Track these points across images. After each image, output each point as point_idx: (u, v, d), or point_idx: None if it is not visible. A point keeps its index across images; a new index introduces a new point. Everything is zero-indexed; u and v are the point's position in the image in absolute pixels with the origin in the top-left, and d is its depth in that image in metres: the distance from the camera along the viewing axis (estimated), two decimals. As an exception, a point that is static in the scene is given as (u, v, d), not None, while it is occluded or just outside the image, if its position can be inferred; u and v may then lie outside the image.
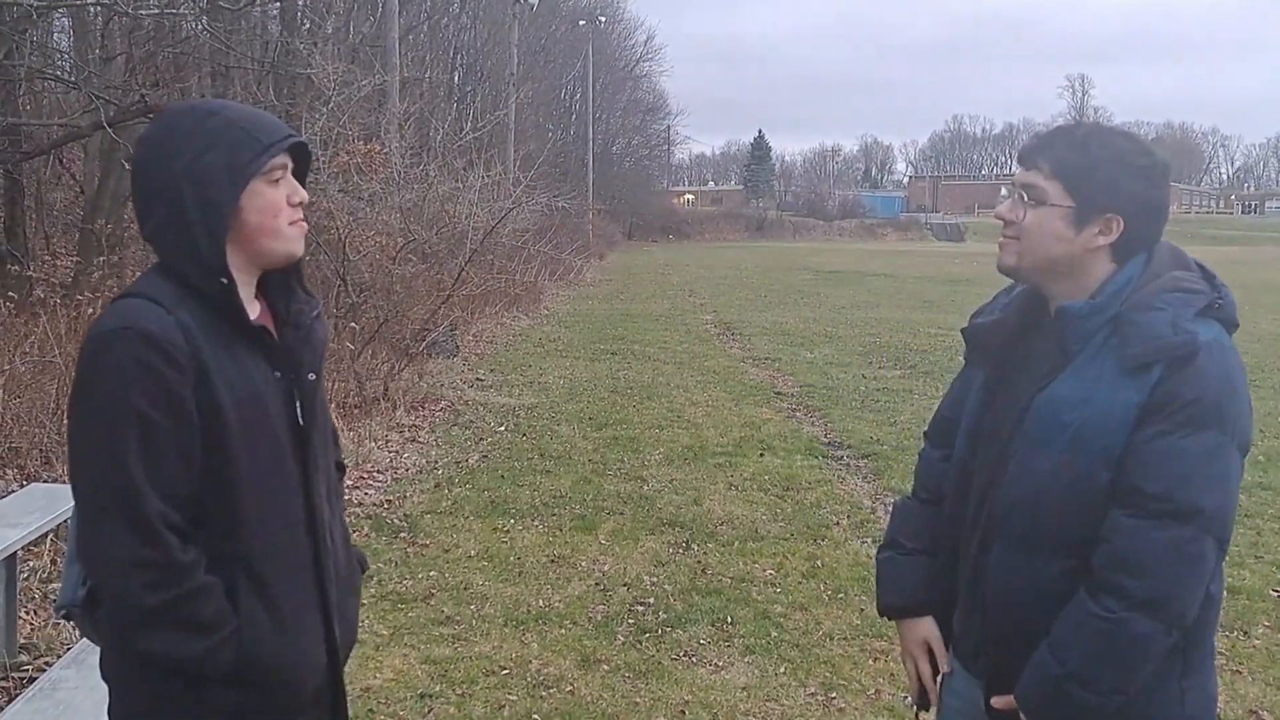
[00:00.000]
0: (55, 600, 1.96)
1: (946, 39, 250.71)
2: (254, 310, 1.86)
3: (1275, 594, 5.26)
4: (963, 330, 2.15)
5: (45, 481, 5.27)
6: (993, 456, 1.96)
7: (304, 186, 1.88)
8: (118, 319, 1.71)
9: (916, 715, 2.27)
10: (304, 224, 1.87)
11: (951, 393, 2.21)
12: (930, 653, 2.14)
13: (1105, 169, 1.86)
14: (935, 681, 2.16)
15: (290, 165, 1.84)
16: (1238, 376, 1.83)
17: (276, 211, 1.81)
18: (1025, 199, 1.91)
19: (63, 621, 4.22)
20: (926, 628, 2.14)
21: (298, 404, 1.87)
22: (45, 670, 3.64)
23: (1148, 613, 1.77)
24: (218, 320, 1.76)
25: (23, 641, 4.12)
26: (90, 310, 7.10)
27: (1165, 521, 1.76)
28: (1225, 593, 5.12)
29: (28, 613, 4.36)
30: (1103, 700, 1.81)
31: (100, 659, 1.88)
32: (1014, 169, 2.04)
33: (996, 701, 1.96)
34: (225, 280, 1.76)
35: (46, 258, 10.03)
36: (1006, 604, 1.92)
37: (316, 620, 1.88)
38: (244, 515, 1.77)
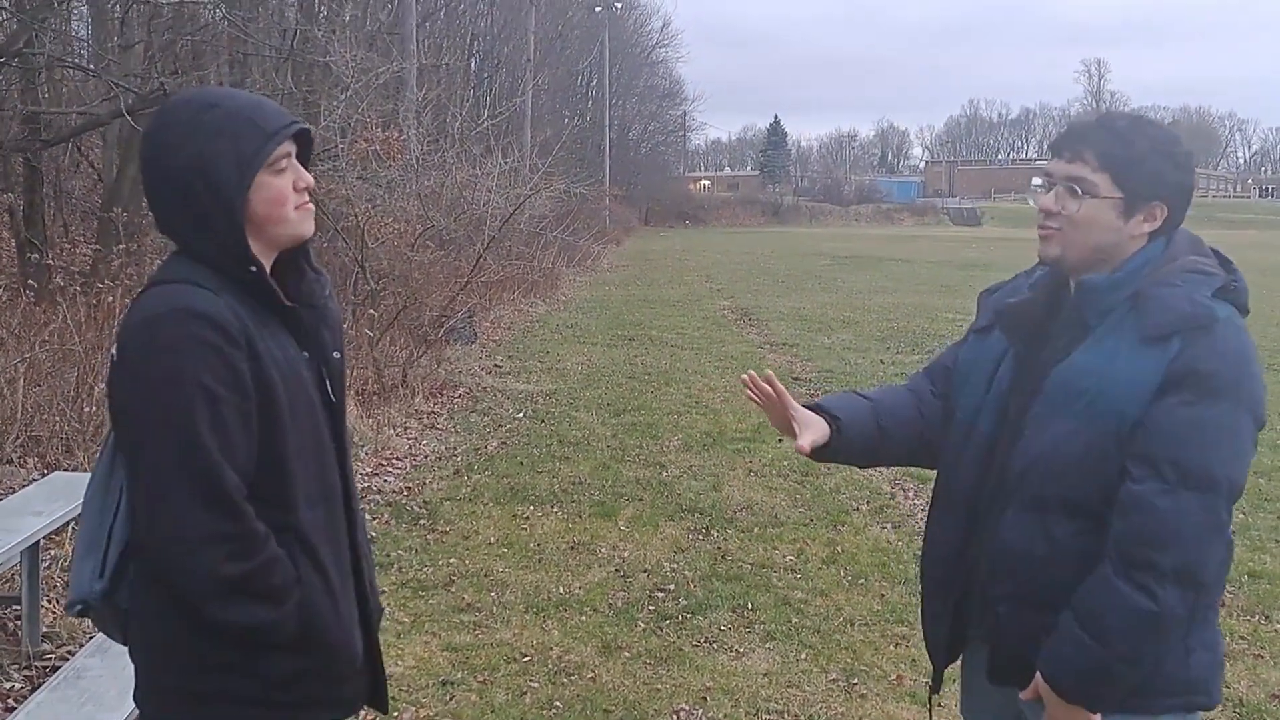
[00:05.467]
0: (67, 597, 1.93)
1: (962, 22, 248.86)
2: None
3: (1299, 579, 5.22)
4: (981, 295, 2.23)
5: (66, 470, 5.29)
6: (1012, 423, 2.02)
7: (308, 168, 1.89)
8: (166, 302, 1.73)
9: (930, 696, 2.32)
10: (311, 206, 1.89)
11: (953, 353, 2.26)
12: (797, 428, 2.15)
13: (1150, 160, 1.93)
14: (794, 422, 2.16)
15: (294, 150, 1.85)
16: (1251, 352, 1.90)
17: (283, 200, 1.83)
18: (1078, 191, 1.94)
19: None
20: (819, 424, 2.15)
21: (327, 382, 1.92)
22: (69, 659, 3.66)
23: (1178, 583, 1.82)
24: (252, 302, 1.79)
25: (45, 630, 4.14)
26: (110, 299, 7.12)
27: (1186, 492, 1.81)
28: (1247, 577, 5.13)
29: (50, 601, 4.38)
30: (1143, 671, 1.88)
31: (132, 638, 1.88)
32: (1044, 158, 2.11)
33: (1025, 695, 1.99)
34: (254, 269, 1.79)
35: (65, 246, 10.07)
36: (1019, 562, 1.96)
37: (353, 589, 1.95)
38: (295, 489, 1.81)
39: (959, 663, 2.25)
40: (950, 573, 2.13)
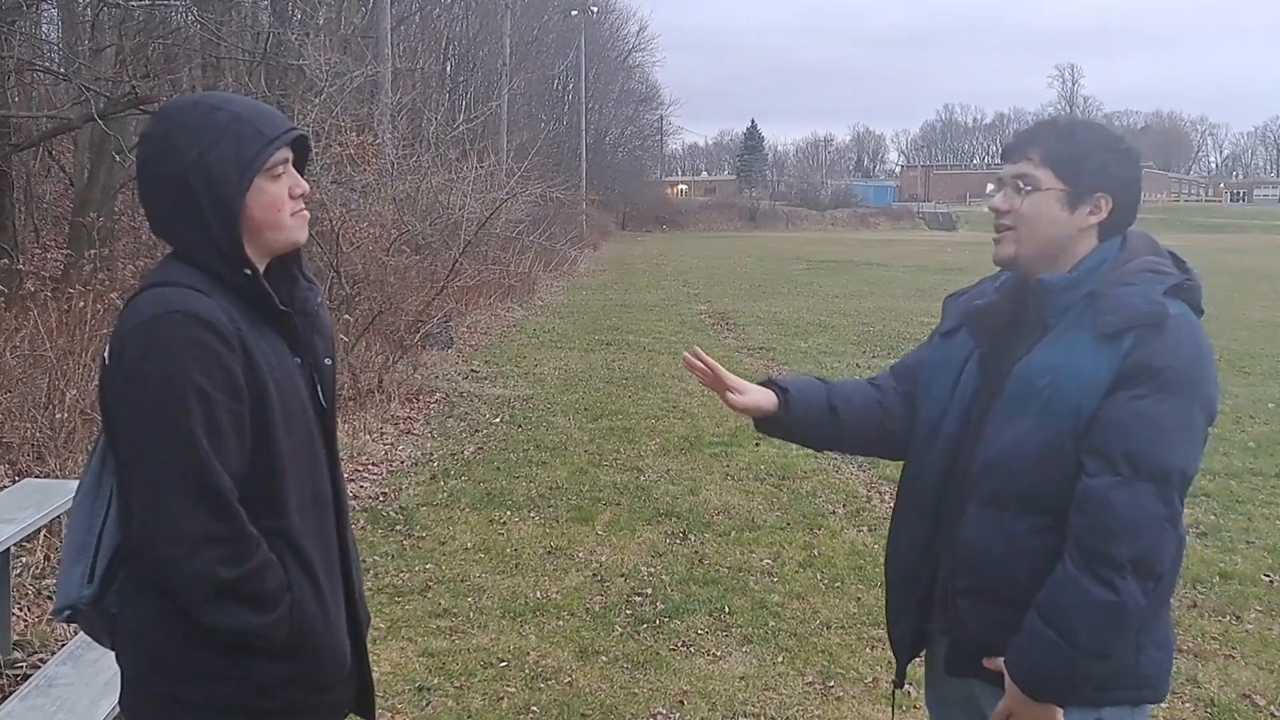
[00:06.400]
0: (54, 603, 1.92)
1: (937, 28, 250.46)
2: None
3: (1267, 579, 5.27)
4: (946, 300, 2.29)
5: (38, 477, 5.24)
6: (976, 424, 2.06)
7: (303, 176, 1.91)
8: (161, 304, 1.73)
9: (894, 691, 2.43)
10: (305, 213, 1.91)
11: (918, 354, 2.31)
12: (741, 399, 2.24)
13: (1093, 154, 2.00)
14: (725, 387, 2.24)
15: (290, 157, 1.87)
16: (1205, 349, 1.94)
17: (279, 206, 1.84)
18: (1021, 187, 2.01)
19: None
20: (765, 393, 2.25)
21: (318, 388, 1.92)
22: (40, 666, 3.62)
23: (1136, 574, 1.85)
24: (246, 306, 1.80)
25: (16, 638, 4.09)
26: (81, 304, 7.05)
27: (1140, 483, 1.85)
28: (1218, 578, 5.19)
29: (21, 609, 4.34)
30: (1111, 664, 1.92)
31: (120, 644, 1.87)
32: (1000, 165, 2.15)
33: (988, 663, 2.03)
34: (249, 271, 1.79)
35: (36, 251, 9.96)
36: (979, 559, 2.00)
37: (342, 595, 1.95)
38: (286, 493, 1.81)
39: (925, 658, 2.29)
40: (914, 571, 2.18)
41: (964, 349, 2.14)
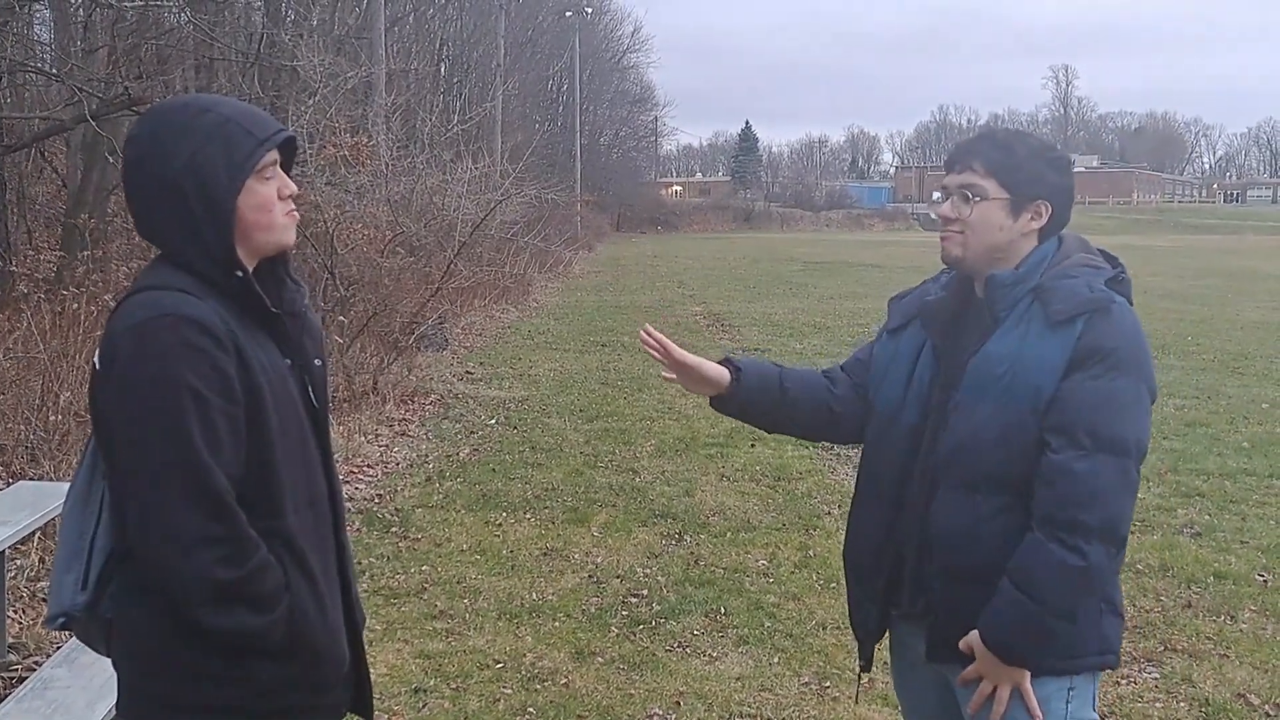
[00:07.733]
0: (47, 610, 1.91)
1: (931, 30, 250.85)
2: None
3: (1261, 579, 5.28)
4: (890, 301, 2.47)
5: (31, 479, 5.22)
6: (938, 413, 2.19)
7: (290, 177, 1.91)
8: (152, 309, 1.72)
9: (860, 675, 2.56)
10: (295, 215, 1.90)
11: (868, 349, 2.47)
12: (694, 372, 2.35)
13: (1030, 164, 2.16)
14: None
15: (278, 159, 1.87)
16: (1142, 333, 2.14)
17: (270, 207, 1.83)
18: (970, 197, 2.16)
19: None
20: (718, 369, 2.37)
21: (310, 389, 1.92)
22: (36, 669, 3.61)
23: (1102, 539, 1.99)
24: (237, 309, 1.79)
25: (11, 641, 4.08)
26: (75, 306, 7.04)
27: (1101, 455, 2.00)
28: (1213, 578, 5.20)
29: (16, 612, 4.33)
30: (1076, 626, 2.05)
31: (117, 649, 1.86)
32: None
33: (962, 644, 2.11)
34: (240, 273, 1.79)
35: (29, 252, 9.93)
36: (951, 540, 2.12)
37: (339, 597, 1.94)
38: (283, 494, 1.80)
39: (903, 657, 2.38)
40: (877, 558, 2.29)
41: (915, 342, 2.29)
